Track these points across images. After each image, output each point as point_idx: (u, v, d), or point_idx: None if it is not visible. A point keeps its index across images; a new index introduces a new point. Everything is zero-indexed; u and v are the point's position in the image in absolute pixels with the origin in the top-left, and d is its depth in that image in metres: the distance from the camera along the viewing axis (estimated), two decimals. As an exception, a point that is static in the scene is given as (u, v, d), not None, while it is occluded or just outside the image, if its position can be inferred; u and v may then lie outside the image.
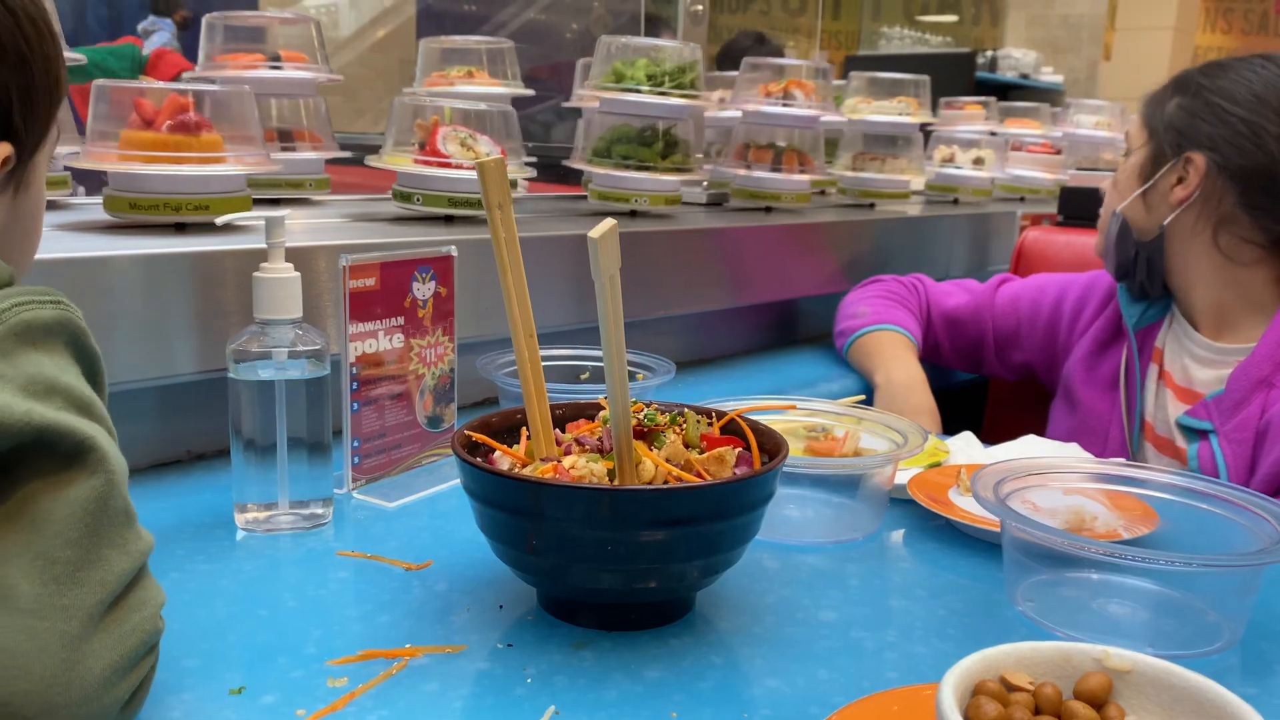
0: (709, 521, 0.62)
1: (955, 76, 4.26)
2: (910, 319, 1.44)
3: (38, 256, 0.81)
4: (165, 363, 0.88)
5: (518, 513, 0.62)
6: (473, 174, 1.15)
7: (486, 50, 1.59)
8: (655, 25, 2.03)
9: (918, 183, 1.96)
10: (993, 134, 2.25)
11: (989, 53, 5.63)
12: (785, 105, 1.61)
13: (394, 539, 0.78)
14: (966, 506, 0.85)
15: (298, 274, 0.76)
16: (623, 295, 0.60)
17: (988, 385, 1.70)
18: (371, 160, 1.22)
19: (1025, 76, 5.56)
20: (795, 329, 1.69)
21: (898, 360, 1.35)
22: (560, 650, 0.62)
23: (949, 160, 2.13)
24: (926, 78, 1.91)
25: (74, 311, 0.54)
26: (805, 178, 1.64)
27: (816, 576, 0.75)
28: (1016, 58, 5.61)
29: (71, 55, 1.01)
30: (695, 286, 1.42)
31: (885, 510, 0.85)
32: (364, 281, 0.83)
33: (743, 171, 1.64)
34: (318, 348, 0.77)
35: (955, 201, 2.10)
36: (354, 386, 0.83)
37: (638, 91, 1.39)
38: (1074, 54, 6.26)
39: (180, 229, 1.01)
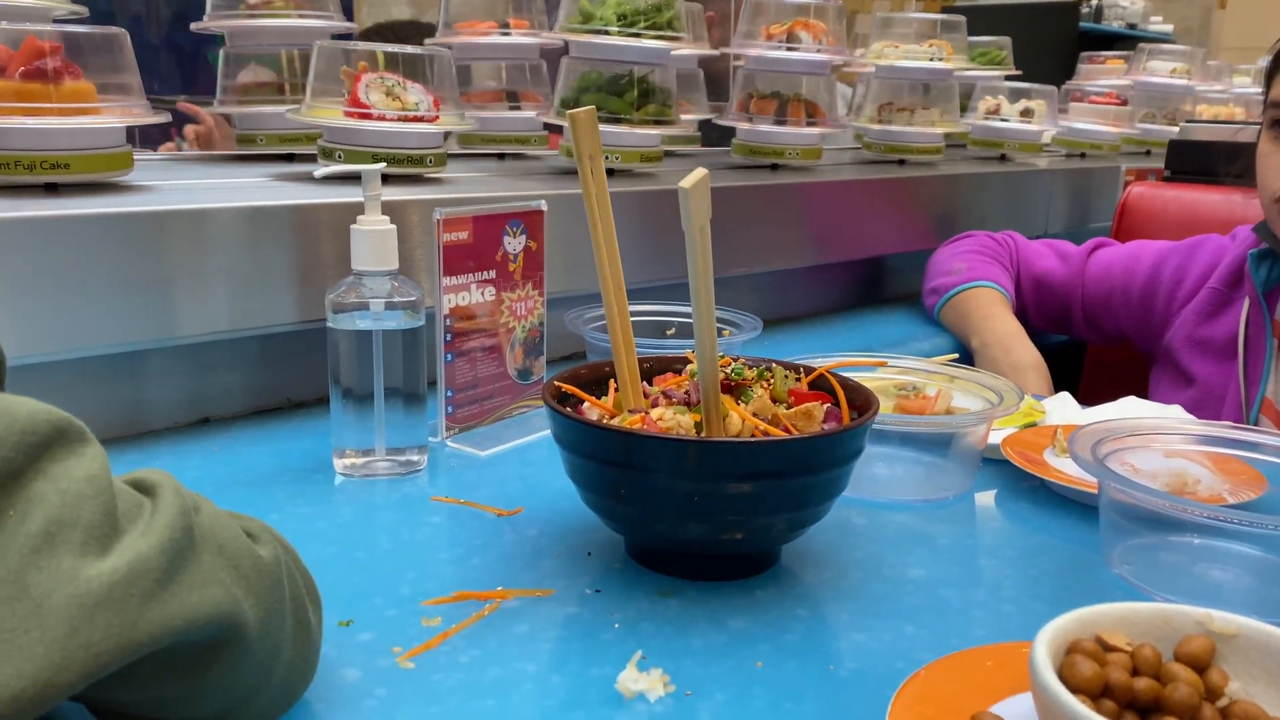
0: (796, 475, 0.62)
1: (1058, 27, 4.08)
2: (1005, 276, 1.40)
3: (141, 208, 0.84)
4: (266, 313, 0.90)
5: (607, 462, 0.62)
6: (400, 126, 1.05)
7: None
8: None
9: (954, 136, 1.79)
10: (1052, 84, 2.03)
11: (1094, 1, 5.37)
12: (790, 49, 1.43)
13: (485, 486, 0.79)
14: (1062, 467, 0.83)
15: (394, 226, 0.78)
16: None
17: (1085, 346, 1.64)
18: (291, 113, 1.10)
19: (1132, 26, 5.30)
20: (883, 287, 1.67)
21: (996, 318, 1.32)
22: (647, 598, 0.63)
23: (994, 112, 1.93)
24: (961, 18, 1.72)
25: None
26: (815, 130, 1.46)
27: (904, 534, 0.74)
28: (1124, 6, 5.34)
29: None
30: (779, 243, 1.40)
31: (977, 470, 0.84)
32: (457, 235, 0.84)
33: (745, 125, 1.47)
34: (413, 299, 0.78)
35: (1002, 158, 1.92)
36: (447, 338, 0.85)
37: (606, 33, 1.22)
38: (1186, 1, 5.94)
39: (52, 190, 0.88)
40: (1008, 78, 1.94)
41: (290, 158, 1.28)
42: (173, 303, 0.85)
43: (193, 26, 1.28)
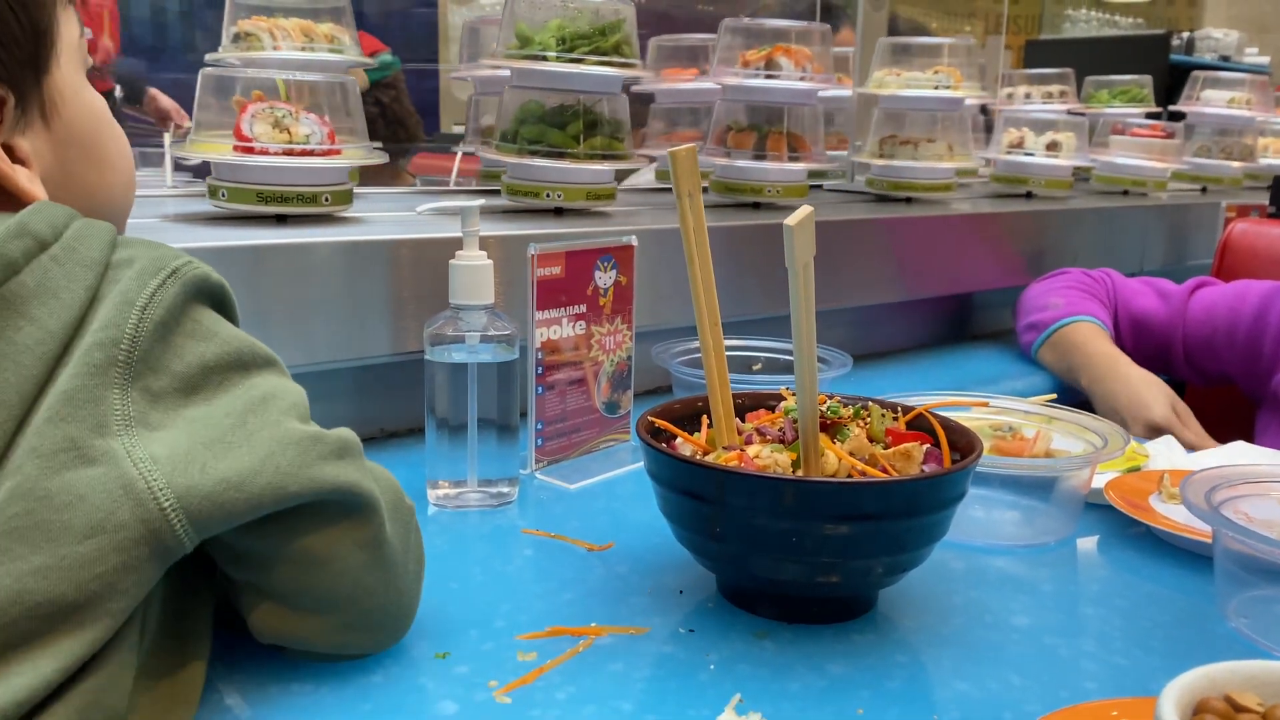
0: (897, 518, 0.60)
1: (1147, 60, 3.99)
2: (1104, 312, 1.36)
3: (243, 243, 0.87)
4: (361, 345, 0.92)
5: (702, 499, 0.62)
6: (290, 161, 0.94)
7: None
8: (834, 15, 1.98)
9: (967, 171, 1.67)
10: (1072, 113, 1.89)
11: (1185, 34, 5.25)
12: (769, 76, 1.30)
13: (574, 520, 0.79)
14: (1169, 514, 0.80)
15: (490, 262, 0.79)
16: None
17: (1184, 387, 1.59)
18: (174, 148, 1.02)
19: (1226, 59, 5.16)
20: (971, 324, 1.63)
21: (1102, 352, 1.28)
22: (742, 639, 0.62)
23: (1017, 145, 1.75)
24: (971, 41, 1.59)
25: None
26: (799, 166, 1.33)
27: (1005, 580, 0.72)
28: (1216, 38, 5.22)
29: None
30: (864, 278, 1.38)
31: (1079, 515, 0.81)
32: (550, 270, 0.85)
33: (722, 160, 1.34)
34: (508, 333, 0.79)
35: (1028, 195, 1.75)
36: (538, 371, 0.86)
37: (544, 59, 1.10)
38: (1283, 33, 5.78)
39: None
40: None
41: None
42: (271, 333, 0.87)
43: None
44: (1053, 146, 1.74)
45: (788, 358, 1.06)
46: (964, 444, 0.67)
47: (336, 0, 1.15)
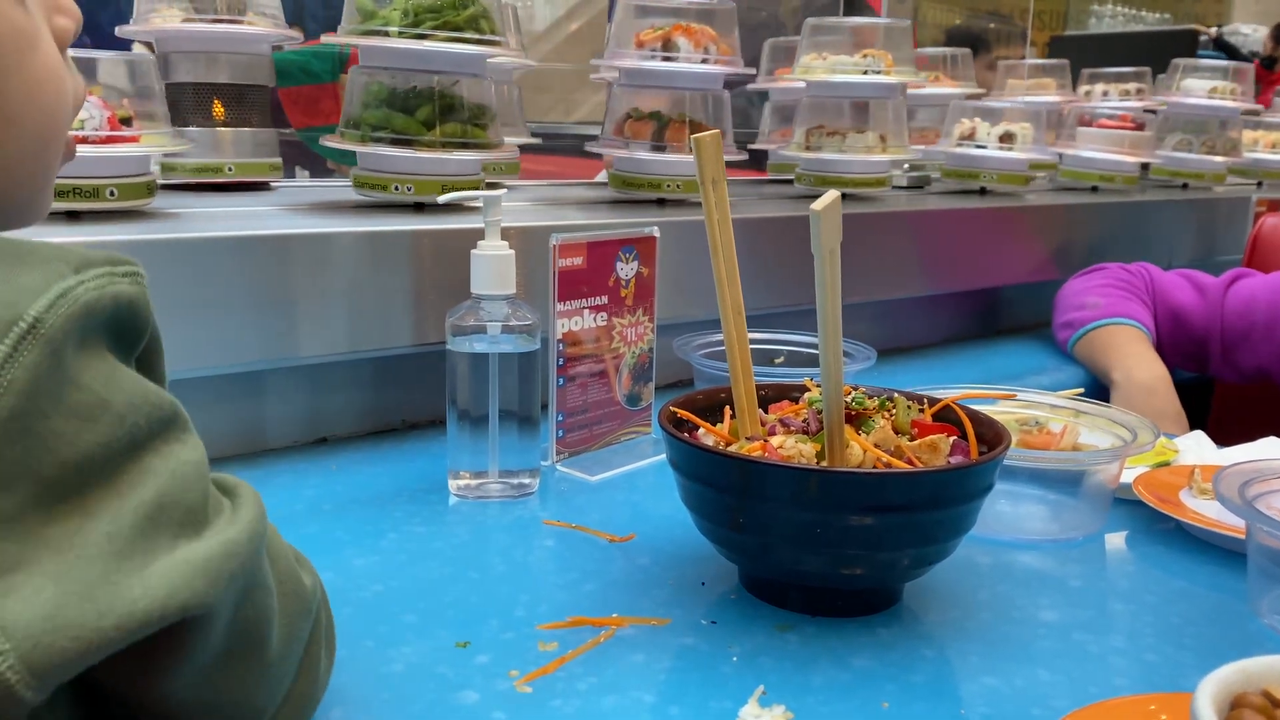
0: (923, 510, 0.60)
1: (1174, 57, 3.95)
2: (1145, 313, 1.34)
3: (268, 231, 0.87)
4: (383, 335, 0.92)
5: (725, 489, 0.61)
6: (86, 150, 0.82)
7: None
8: (859, 8, 1.95)
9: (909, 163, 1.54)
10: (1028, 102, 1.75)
11: (1213, 30, 5.20)
12: (666, 59, 1.17)
13: (595, 511, 0.79)
14: (1200, 509, 0.78)
15: (512, 252, 0.78)
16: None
17: (1214, 383, 1.57)
18: None
19: (1255, 55, 5.10)
20: (997, 319, 1.62)
21: (1138, 357, 1.26)
22: (764, 631, 0.61)
23: (968, 137, 1.59)
24: (907, 22, 1.43)
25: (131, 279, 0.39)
26: None
27: (1032, 575, 0.71)
28: (1245, 34, 5.17)
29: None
30: (891, 272, 1.37)
31: (1108, 510, 0.80)
32: (572, 260, 0.85)
33: (621, 152, 1.20)
34: (530, 323, 0.79)
35: (982, 191, 1.59)
36: (559, 362, 0.85)
37: (385, 34, 0.97)
38: (1313, 28, 5.69)
39: None
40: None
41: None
42: (295, 324, 0.87)
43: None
44: (1006, 138, 1.58)
45: (810, 351, 1.05)
46: (991, 436, 0.66)
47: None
